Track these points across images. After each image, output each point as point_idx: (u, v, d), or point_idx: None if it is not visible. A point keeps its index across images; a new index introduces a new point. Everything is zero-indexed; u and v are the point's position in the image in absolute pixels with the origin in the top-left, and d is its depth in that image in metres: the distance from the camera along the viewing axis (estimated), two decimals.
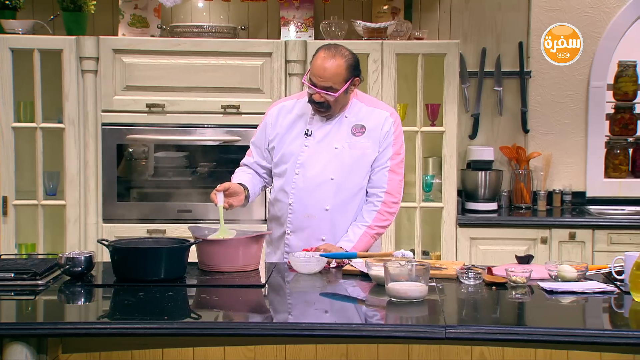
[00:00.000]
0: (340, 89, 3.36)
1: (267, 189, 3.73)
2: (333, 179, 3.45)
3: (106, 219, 4.81)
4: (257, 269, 3.16)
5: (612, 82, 5.49)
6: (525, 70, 5.34)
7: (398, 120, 3.55)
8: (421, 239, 4.95)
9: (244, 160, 3.66)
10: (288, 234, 3.50)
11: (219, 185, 3.32)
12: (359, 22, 4.97)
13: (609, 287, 2.86)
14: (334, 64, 3.33)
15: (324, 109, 3.42)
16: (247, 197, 3.44)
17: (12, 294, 2.85)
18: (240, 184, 3.43)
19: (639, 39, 5.64)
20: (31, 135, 4.82)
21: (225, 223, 3.24)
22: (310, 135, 3.48)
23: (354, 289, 2.99)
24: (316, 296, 2.89)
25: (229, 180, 3.46)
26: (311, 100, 3.42)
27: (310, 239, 3.46)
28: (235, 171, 3.62)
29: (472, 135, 5.36)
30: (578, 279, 2.94)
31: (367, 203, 3.51)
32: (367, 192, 3.52)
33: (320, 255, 3.17)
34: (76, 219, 4.80)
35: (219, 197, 3.27)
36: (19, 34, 4.82)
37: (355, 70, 3.40)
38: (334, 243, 3.43)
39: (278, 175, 3.54)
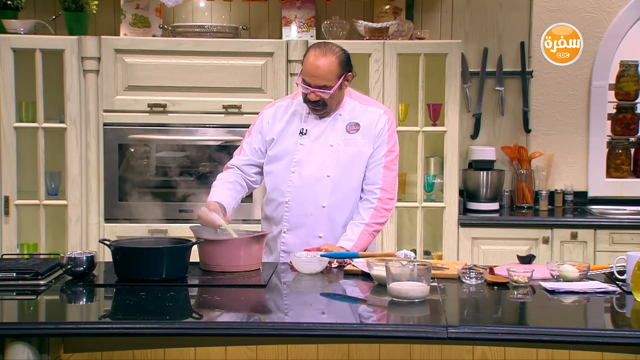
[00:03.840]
0: (335, 86, 3.36)
1: (254, 189, 3.66)
2: (329, 176, 3.45)
3: (108, 219, 4.81)
4: (259, 268, 3.17)
5: (613, 81, 5.49)
6: (527, 70, 5.33)
7: (392, 117, 3.55)
8: (423, 239, 4.95)
9: (233, 162, 3.57)
10: (284, 232, 3.48)
11: (205, 207, 3.26)
12: (360, 22, 4.97)
13: (610, 287, 2.86)
14: (326, 61, 3.33)
15: (320, 107, 3.42)
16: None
17: (14, 293, 2.85)
18: (219, 203, 3.34)
19: None
20: (33, 135, 4.83)
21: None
22: (305, 133, 3.48)
23: (356, 288, 2.99)
24: (318, 296, 2.90)
25: (209, 187, 3.46)
26: (307, 100, 3.42)
27: (307, 237, 3.45)
28: (218, 179, 3.51)
29: (474, 135, 5.36)
30: (580, 279, 2.94)
31: (362, 200, 3.50)
32: (362, 189, 3.52)
33: (322, 255, 3.17)
34: (78, 218, 4.80)
35: (216, 217, 3.22)
36: (20, 33, 4.82)
37: (347, 66, 3.40)
38: (332, 240, 3.43)
39: (270, 173, 3.52)
